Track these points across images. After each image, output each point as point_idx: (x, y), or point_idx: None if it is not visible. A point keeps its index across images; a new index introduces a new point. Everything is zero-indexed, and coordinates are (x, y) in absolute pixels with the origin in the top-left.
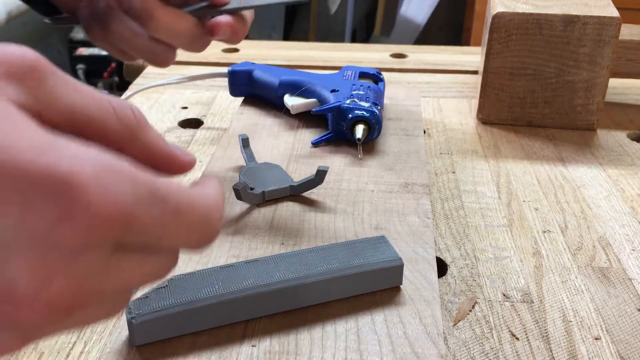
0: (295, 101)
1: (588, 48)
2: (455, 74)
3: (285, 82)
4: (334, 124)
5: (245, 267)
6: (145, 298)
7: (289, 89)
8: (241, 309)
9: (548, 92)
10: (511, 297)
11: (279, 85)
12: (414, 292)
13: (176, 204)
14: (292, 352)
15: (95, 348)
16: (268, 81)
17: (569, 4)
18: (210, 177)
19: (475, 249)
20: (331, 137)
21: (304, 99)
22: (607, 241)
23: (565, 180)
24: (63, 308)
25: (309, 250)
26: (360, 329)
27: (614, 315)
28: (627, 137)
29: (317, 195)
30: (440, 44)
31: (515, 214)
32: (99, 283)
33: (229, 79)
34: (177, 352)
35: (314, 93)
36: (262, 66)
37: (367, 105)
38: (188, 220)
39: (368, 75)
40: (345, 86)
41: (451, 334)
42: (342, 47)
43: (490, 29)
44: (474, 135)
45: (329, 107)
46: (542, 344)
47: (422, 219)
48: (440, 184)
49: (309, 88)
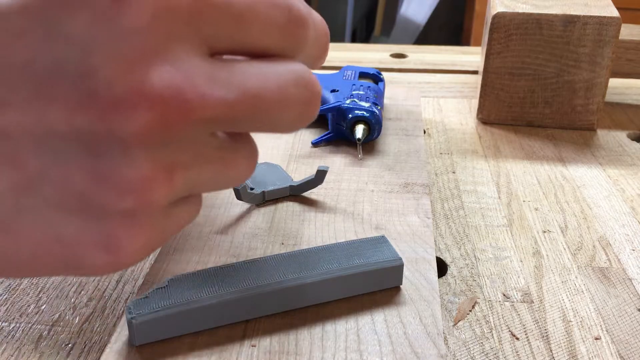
0: None
1: (588, 48)
2: (455, 74)
3: None
4: (334, 124)
5: (245, 267)
6: (145, 298)
7: None
8: (241, 309)
9: (548, 92)
10: (511, 297)
11: None
12: (414, 292)
13: None
14: (292, 352)
15: (95, 348)
16: None
17: (569, 4)
18: None
19: (475, 249)
20: (331, 137)
21: None
22: (607, 241)
23: (565, 180)
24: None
25: (309, 250)
26: (360, 329)
27: (614, 315)
28: (627, 137)
29: (317, 195)
30: (440, 44)
31: (515, 214)
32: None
33: None
34: (177, 352)
35: None
36: None
37: (367, 105)
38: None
39: (368, 75)
40: (345, 86)
41: (451, 334)
42: (342, 47)
43: (490, 29)
44: (474, 135)
45: (329, 107)
46: (542, 344)
47: (422, 219)
48: (440, 184)
49: None
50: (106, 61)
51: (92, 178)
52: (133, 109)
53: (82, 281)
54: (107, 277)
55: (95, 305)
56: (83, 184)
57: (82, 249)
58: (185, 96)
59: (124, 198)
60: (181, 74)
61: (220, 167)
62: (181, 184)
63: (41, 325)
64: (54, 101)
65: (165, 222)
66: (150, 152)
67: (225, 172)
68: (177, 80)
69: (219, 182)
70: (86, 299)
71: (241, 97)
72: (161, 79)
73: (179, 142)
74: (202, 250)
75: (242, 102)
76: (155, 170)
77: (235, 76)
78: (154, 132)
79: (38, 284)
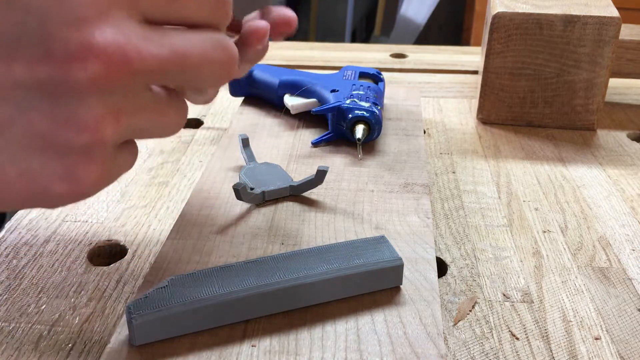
0: (295, 101)
1: (588, 48)
2: (455, 74)
3: (285, 82)
4: (334, 124)
5: (245, 267)
6: (145, 298)
7: (289, 89)
8: (241, 309)
9: (548, 92)
10: (511, 297)
11: (279, 85)
12: (414, 292)
13: None
14: (292, 352)
15: (95, 348)
16: (268, 81)
17: (569, 4)
18: None
19: (475, 249)
20: (331, 137)
21: (304, 99)
22: (607, 241)
23: (565, 180)
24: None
25: (309, 250)
26: (360, 329)
27: (614, 315)
28: (627, 137)
29: (317, 195)
30: (440, 44)
31: (515, 214)
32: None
33: None
34: (177, 352)
35: (314, 93)
36: (262, 66)
37: (367, 105)
38: None
39: (368, 75)
40: (345, 86)
41: (451, 334)
42: (342, 47)
43: (490, 29)
44: (474, 135)
45: (329, 107)
46: (542, 344)
47: (422, 219)
48: (440, 184)
49: (309, 88)
50: (60, 25)
51: (53, 120)
52: (84, 61)
53: (82, 281)
54: (107, 277)
55: (95, 305)
56: (45, 126)
57: (46, 182)
58: (125, 51)
59: (80, 135)
60: (121, 34)
61: (155, 115)
62: (125, 127)
63: (41, 325)
64: (18, 59)
65: (113, 163)
66: (100, 98)
67: (159, 120)
68: (118, 39)
69: (155, 128)
70: (86, 299)
71: (171, 54)
72: (105, 38)
73: (122, 92)
74: (202, 250)
75: (171, 59)
76: (105, 113)
77: (166, 39)
78: (101, 80)
79: (38, 284)
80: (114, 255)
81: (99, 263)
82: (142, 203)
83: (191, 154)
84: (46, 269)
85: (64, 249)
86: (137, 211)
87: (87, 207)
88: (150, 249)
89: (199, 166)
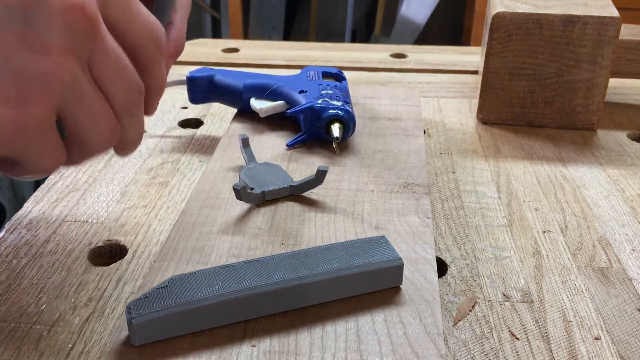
0: (263, 104)
1: (588, 48)
2: (455, 74)
3: (251, 86)
4: (308, 124)
5: (245, 267)
6: (145, 298)
7: (255, 92)
8: (241, 309)
9: (548, 92)
10: (511, 297)
11: (244, 89)
12: (414, 292)
13: None
14: (292, 352)
15: (95, 348)
16: (231, 85)
17: (569, 4)
18: None
19: (475, 249)
20: (305, 138)
21: (272, 102)
22: (607, 241)
23: (565, 180)
24: None
25: (309, 250)
26: (360, 329)
27: (614, 315)
28: (627, 137)
29: (317, 195)
30: (440, 44)
31: (515, 214)
32: None
33: (188, 86)
34: (177, 352)
35: (281, 95)
36: (223, 71)
37: (340, 104)
38: None
39: (331, 75)
40: (312, 86)
41: (451, 334)
42: (342, 47)
43: (490, 29)
44: (474, 135)
45: (302, 109)
46: (542, 344)
47: (422, 219)
48: (440, 184)
49: (275, 90)
50: None
51: (22, 41)
52: None
53: (82, 281)
54: (107, 277)
55: (95, 305)
56: (14, 46)
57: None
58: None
59: (42, 59)
60: None
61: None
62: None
63: (41, 325)
64: None
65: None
66: (68, 36)
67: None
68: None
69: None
70: (86, 299)
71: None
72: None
73: (85, 45)
74: (202, 250)
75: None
76: (68, 50)
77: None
78: (73, 16)
79: (38, 284)
80: (114, 255)
81: (99, 263)
82: (142, 203)
83: (191, 154)
84: (46, 269)
85: (64, 249)
86: (137, 211)
87: (87, 207)
88: (150, 249)
89: (199, 166)
